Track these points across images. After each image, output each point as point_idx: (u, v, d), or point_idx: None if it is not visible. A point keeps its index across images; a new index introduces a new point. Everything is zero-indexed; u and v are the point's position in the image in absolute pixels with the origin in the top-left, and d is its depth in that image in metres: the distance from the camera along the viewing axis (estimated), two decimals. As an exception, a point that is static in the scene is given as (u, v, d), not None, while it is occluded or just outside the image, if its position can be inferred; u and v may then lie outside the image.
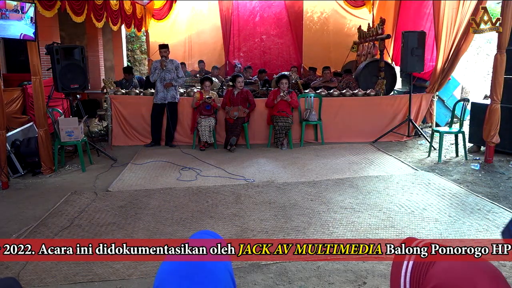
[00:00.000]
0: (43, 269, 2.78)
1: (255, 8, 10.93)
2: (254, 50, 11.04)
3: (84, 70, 5.72)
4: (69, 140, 5.29)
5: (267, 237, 3.27)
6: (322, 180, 4.76)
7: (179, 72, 6.67)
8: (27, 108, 6.66)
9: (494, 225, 3.40)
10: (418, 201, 4.01)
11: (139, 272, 2.75)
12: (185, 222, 3.59)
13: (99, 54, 10.39)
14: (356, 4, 10.46)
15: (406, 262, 0.84)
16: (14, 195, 4.45)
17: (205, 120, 6.37)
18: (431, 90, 7.06)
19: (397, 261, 0.87)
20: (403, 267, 0.84)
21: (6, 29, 4.45)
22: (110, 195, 4.33)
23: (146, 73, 11.76)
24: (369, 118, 6.94)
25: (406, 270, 0.83)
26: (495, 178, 4.76)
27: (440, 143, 5.59)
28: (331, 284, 2.60)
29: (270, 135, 6.68)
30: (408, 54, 6.35)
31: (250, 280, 2.64)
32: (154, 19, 10.22)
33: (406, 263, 0.84)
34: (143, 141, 6.84)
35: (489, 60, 9.71)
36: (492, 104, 5.22)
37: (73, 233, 3.37)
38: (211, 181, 4.80)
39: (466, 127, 6.09)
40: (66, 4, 5.66)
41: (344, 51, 10.07)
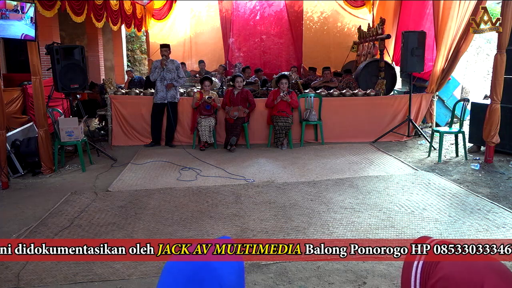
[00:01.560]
0: (43, 269, 2.78)
1: (255, 8, 10.94)
2: (254, 50, 11.05)
3: (84, 70, 5.72)
4: (69, 140, 5.29)
5: (267, 237, 3.27)
6: (322, 180, 4.76)
7: (179, 72, 6.67)
8: (27, 108, 6.65)
9: (494, 225, 3.40)
10: (418, 201, 4.01)
11: (139, 272, 2.75)
12: (185, 222, 3.59)
13: (99, 54, 10.40)
14: (356, 4, 10.46)
15: (416, 262, 0.86)
16: (14, 195, 4.45)
17: (205, 120, 6.37)
18: (431, 90, 7.06)
19: (408, 261, 0.89)
20: (413, 266, 0.86)
21: (6, 29, 4.45)
22: (110, 195, 4.33)
23: (146, 73, 11.76)
24: (369, 118, 6.94)
25: (417, 269, 0.85)
26: (495, 178, 4.76)
27: (440, 143, 5.59)
28: (331, 284, 2.60)
29: (270, 135, 6.68)
30: (408, 54, 6.35)
31: (250, 280, 2.64)
32: (154, 19, 10.23)
33: (416, 263, 0.86)
34: (143, 141, 6.84)
35: (489, 60, 9.71)
36: (492, 104, 5.22)
37: (73, 233, 3.37)
38: (211, 181, 4.80)
39: (466, 127, 6.09)
40: (66, 4, 5.67)
41: (344, 51, 10.08)
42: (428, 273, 0.82)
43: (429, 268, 0.83)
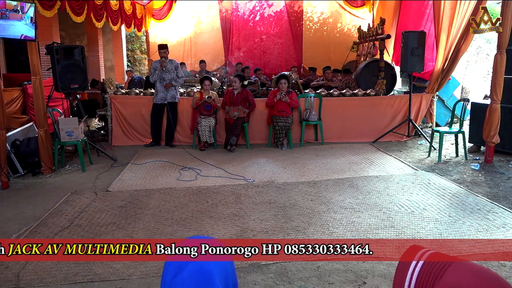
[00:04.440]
0: (43, 269, 2.78)
1: (255, 8, 10.94)
2: (254, 50, 11.05)
3: (84, 70, 5.72)
4: (69, 140, 5.29)
5: (267, 237, 3.27)
6: (322, 180, 4.76)
7: (178, 72, 6.66)
8: (27, 108, 6.65)
9: (494, 225, 3.40)
10: (418, 201, 4.01)
11: (139, 272, 2.75)
12: (185, 222, 3.59)
13: (99, 54, 10.41)
14: (356, 4, 10.46)
15: (414, 262, 0.81)
16: (14, 195, 4.45)
17: (205, 120, 6.37)
18: (431, 90, 7.06)
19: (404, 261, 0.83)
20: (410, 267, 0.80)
21: (6, 29, 4.45)
22: (110, 195, 4.33)
23: (146, 73, 11.76)
24: (369, 118, 6.94)
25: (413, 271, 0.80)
26: (495, 178, 4.76)
27: (440, 143, 5.59)
28: (331, 284, 2.60)
29: (270, 135, 6.68)
30: (408, 54, 6.35)
31: (250, 280, 2.64)
32: (154, 19, 10.23)
33: (414, 263, 0.81)
34: (143, 141, 6.84)
35: (489, 60, 9.71)
36: (492, 104, 5.22)
37: (73, 233, 3.37)
38: (211, 181, 4.80)
39: (466, 127, 6.09)
40: (66, 4, 5.66)
41: (344, 51, 10.08)
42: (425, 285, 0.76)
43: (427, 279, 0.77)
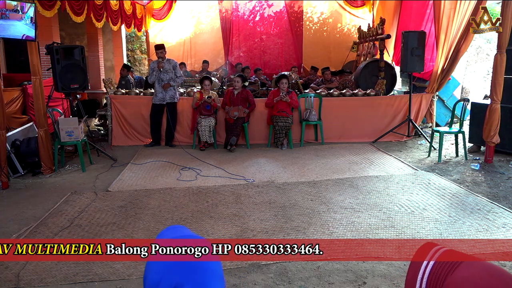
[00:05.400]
0: (43, 269, 2.78)
1: (255, 8, 10.94)
2: (254, 50, 11.05)
3: (84, 70, 5.72)
4: (69, 140, 5.29)
5: (267, 237, 3.27)
6: (322, 180, 4.76)
7: (177, 72, 6.63)
8: (27, 108, 6.65)
9: (494, 225, 3.40)
10: (418, 201, 4.01)
11: (139, 272, 2.75)
12: (185, 222, 3.58)
13: (99, 54, 10.39)
14: (356, 4, 10.46)
15: (426, 262, 0.82)
16: (14, 195, 4.45)
17: (205, 120, 6.37)
18: (431, 90, 7.06)
19: (416, 261, 0.84)
20: (421, 267, 0.82)
21: (6, 29, 4.45)
22: (110, 195, 4.33)
23: (146, 73, 11.75)
24: (369, 118, 6.94)
25: (425, 271, 0.81)
26: (495, 178, 4.76)
27: (440, 143, 5.59)
28: (331, 284, 2.60)
29: (270, 135, 6.68)
30: (408, 54, 6.35)
31: (250, 280, 2.64)
32: (154, 19, 10.23)
33: (426, 263, 0.82)
34: (143, 141, 6.84)
35: (489, 60, 9.71)
36: (492, 104, 5.22)
37: (73, 233, 3.37)
38: (211, 181, 4.80)
39: (466, 127, 6.09)
40: (66, 4, 5.66)
41: (344, 51, 10.08)
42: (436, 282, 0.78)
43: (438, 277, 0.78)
